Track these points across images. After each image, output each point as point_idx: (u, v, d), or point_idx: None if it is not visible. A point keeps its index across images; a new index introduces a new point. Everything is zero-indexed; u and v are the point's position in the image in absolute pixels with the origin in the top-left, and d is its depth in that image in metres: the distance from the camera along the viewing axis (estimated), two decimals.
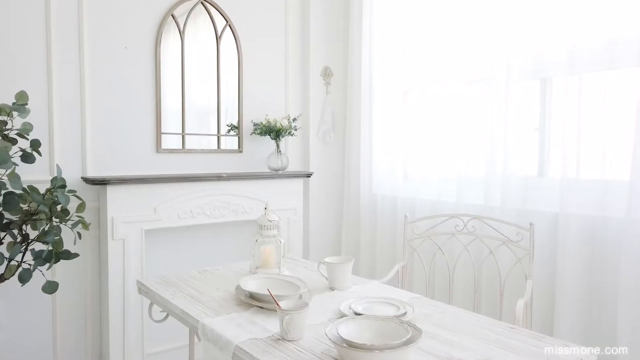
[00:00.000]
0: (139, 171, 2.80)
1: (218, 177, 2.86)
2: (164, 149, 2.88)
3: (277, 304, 1.31)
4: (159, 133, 2.86)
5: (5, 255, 1.97)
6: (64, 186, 1.97)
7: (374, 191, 3.28)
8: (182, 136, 2.95)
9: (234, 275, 1.96)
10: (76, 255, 2.02)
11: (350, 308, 1.47)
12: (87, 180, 2.56)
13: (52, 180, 2.03)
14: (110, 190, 2.53)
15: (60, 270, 2.54)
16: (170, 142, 2.92)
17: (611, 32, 2.17)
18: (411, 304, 1.51)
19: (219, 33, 3.06)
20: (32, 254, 2.03)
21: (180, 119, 2.94)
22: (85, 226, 2.13)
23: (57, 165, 2.05)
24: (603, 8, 2.19)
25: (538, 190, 2.41)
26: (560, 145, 2.30)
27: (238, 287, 1.65)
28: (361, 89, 3.29)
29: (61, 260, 2.07)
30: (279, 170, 3.15)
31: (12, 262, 2.00)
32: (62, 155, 2.56)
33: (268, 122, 3.05)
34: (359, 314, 1.41)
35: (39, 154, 2.12)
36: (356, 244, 3.38)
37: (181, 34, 2.91)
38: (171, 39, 2.90)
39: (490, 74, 2.60)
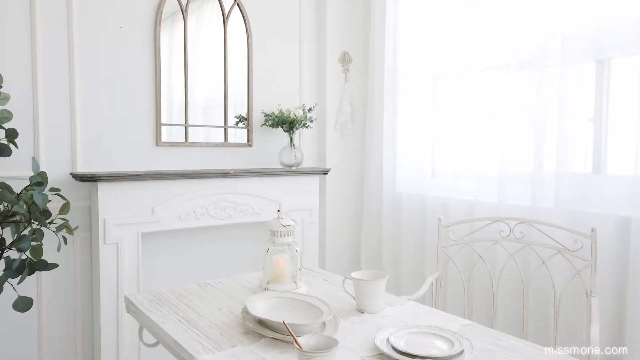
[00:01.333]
0: (136, 166, 2.49)
1: (224, 174, 2.54)
2: (164, 142, 2.56)
3: (296, 342, 0.99)
4: (158, 124, 2.54)
5: None
6: (40, 183, 1.66)
7: (398, 190, 2.94)
8: (185, 128, 2.64)
9: (241, 290, 1.64)
10: (54, 265, 1.71)
11: (388, 342, 1.14)
12: (76, 176, 2.26)
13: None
14: (102, 187, 2.23)
15: (45, 279, 2.24)
16: (172, 134, 2.61)
17: None
18: (465, 336, 1.18)
19: (225, 13, 2.73)
20: (5, 263, 1.73)
21: (183, 108, 2.62)
22: (70, 230, 1.82)
23: (32, 158, 1.74)
24: None
25: (597, 189, 2.05)
26: (626, 137, 1.95)
27: (245, 311, 1.33)
28: (384, 76, 2.95)
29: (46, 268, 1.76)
30: (292, 166, 2.83)
31: None
32: (48, 149, 2.26)
33: (281, 112, 2.73)
34: (403, 353, 1.08)
35: (15, 145, 1.82)
36: (377, 250, 3.04)
37: (184, 13, 2.59)
38: (172, 19, 2.58)
39: (536, 55, 2.25)
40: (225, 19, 2.73)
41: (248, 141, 2.85)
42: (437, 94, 2.78)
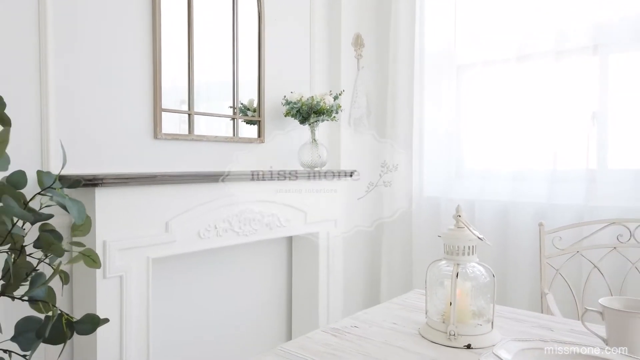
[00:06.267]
0: (128, 166, 1.79)
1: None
2: (165, 134, 1.90)
3: None
4: (157, 109, 1.87)
5: None
6: (79, 182, 0.97)
7: (426, 194, 2.56)
8: (189, 116, 1.99)
9: (408, 338, 1.11)
10: (105, 321, 1.02)
11: None
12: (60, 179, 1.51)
13: (42, 175, 1.03)
14: (102, 195, 1.52)
15: None
16: (172, 125, 1.95)
17: None
18: None
19: None
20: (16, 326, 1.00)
21: (186, 91, 1.98)
22: (95, 261, 1.14)
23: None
24: None
25: None
26: None
27: None
28: (414, 62, 2.56)
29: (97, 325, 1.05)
30: (315, 167, 2.31)
31: None
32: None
33: (311, 98, 2.20)
34: None
35: None
36: (405, 267, 2.61)
37: None
38: None
39: (588, 38, 2.06)
40: None
41: (259, 136, 2.27)
42: (485, 82, 2.45)
